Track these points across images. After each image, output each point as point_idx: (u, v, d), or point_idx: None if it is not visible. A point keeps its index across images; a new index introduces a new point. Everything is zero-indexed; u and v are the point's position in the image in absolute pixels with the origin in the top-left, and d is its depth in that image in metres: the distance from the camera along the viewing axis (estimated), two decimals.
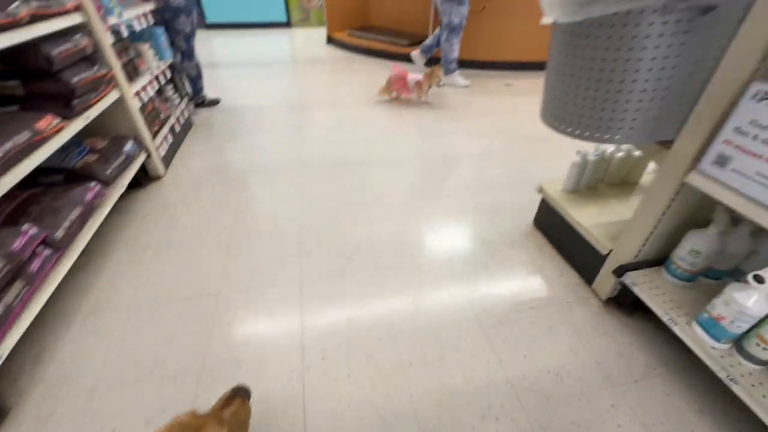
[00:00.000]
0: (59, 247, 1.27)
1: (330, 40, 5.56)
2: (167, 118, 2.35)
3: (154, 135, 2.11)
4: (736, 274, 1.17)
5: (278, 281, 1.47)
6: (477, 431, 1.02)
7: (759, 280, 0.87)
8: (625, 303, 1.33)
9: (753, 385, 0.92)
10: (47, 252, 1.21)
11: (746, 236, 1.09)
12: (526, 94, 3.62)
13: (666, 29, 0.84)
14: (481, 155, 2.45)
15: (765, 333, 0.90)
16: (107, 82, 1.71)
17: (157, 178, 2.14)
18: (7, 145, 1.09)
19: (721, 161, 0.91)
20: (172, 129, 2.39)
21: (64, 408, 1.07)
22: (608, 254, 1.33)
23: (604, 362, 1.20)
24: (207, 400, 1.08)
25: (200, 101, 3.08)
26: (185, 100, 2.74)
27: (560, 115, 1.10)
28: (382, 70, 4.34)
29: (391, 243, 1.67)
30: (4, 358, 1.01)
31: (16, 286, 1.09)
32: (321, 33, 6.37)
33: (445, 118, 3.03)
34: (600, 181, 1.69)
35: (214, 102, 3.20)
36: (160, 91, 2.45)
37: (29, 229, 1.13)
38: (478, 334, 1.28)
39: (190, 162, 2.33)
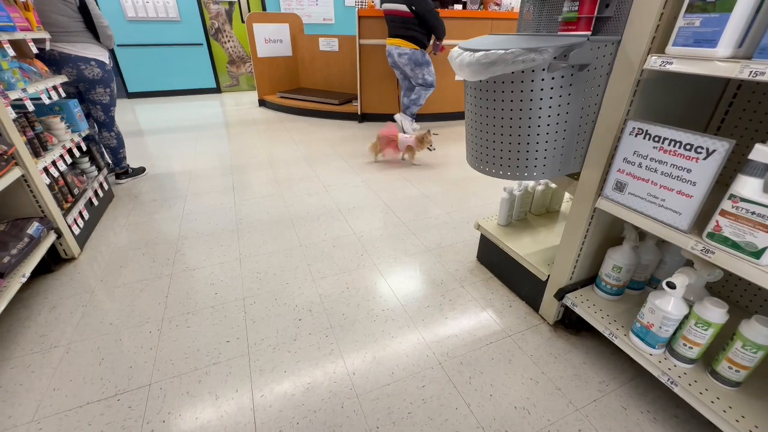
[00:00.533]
0: None
1: (262, 103, 5.68)
2: (83, 192, 2.14)
3: (66, 212, 1.89)
4: (653, 283, 1.32)
5: (222, 358, 1.33)
6: None
7: (671, 286, 0.98)
8: (571, 324, 1.41)
9: (690, 384, 1.00)
10: None
11: (653, 247, 1.24)
12: (452, 140, 3.97)
13: (554, 83, 0.99)
14: (421, 200, 2.57)
15: (688, 333, 1.00)
16: (6, 160, 1.53)
17: (71, 259, 1.89)
18: None
19: (620, 187, 1.05)
20: (89, 203, 2.17)
21: None
22: (547, 279, 1.42)
23: (563, 387, 1.22)
24: None
25: (123, 171, 2.87)
26: (104, 171, 2.54)
27: (482, 159, 1.22)
28: (315, 128, 4.50)
29: (342, 298, 1.62)
30: None
31: None
32: (253, 96, 6.51)
33: (382, 167, 3.17)
34: (528, 212, 1.85)
35: (139, 171, 3.01)
36: (73, 165, 2.25)
37: None
38: (443, 379, 1.25)
39: (111, 237, 2.11)
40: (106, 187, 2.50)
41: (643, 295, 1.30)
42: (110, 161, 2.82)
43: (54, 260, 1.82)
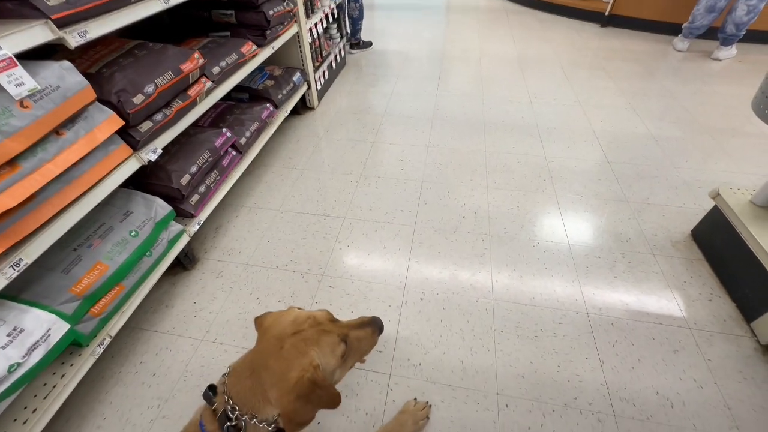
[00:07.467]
0: (241, 152, 1.61)
1: None
2: (328, 55, 2.59)
3: (316, 70, 2.37)
4: None
5: (395, 221, 1.60)
6: (556, 415, 1.01)
7: None
8: None
9: None
10: (234, 153, 1.55)
11: None
12: (755, 72, 2.80)
13: None
14: (646, 141, 2.06)
15: None
16: (291, 17, 1.95)
17: (311, 109, 2.44)
18: (224, 64, 1.39)
19: None
20: (330, 65, 2.64)
21: (228, 271, 1.43)
22: None
23: (736, 409, 1.01)
24: (322, 298, 1.30)
25: (356, 42, 3.27)
26: (344, 39, 2.95)
27: None
28: (542, 25, 3.86)
29: (509, 213, 1.62)
30: (201, 223, 1.38)
31: (213, 174, 1.44)
32: None
33: (610, 87, 2.59)
34: None
35: (367, 44, 3.36)
36: (326, 29, 2.69)
37: (227, 132, 1.46)
38: (584, 328, 1.20)
39: (338, 100, 2.57)
40: (342, 54, 2.93)
41: None
42: (348, 31, 3.22)
43: (302, 106, 2.39)
